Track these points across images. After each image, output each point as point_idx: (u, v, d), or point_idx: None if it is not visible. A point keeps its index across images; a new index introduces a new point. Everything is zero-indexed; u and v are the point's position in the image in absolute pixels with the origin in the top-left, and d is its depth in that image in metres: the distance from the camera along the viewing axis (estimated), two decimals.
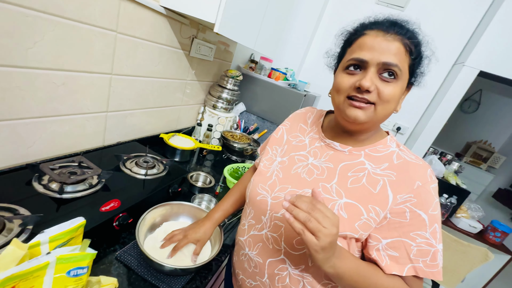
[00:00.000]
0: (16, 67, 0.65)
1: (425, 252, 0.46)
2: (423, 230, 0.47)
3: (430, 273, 0.46)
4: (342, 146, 0.55)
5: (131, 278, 0.62)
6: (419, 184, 0.47)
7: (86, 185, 0.73)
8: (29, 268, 0.41)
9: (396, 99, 0.48)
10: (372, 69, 0.46)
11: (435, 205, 0.47)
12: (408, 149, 0.54)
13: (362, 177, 0.52)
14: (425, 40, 0.50)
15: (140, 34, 0.94)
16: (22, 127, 0.72)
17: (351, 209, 0.50)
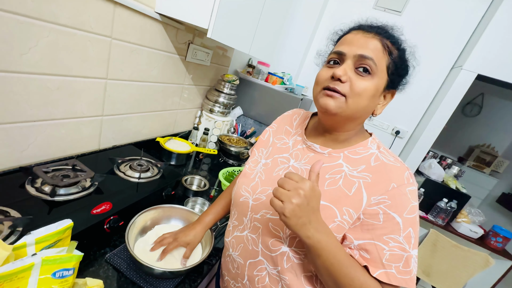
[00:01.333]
0: (11, 72, 0.66)
1: (398, 257, 0.45)
2: (396, 234, 0.45)
3: (402, 280, 0.44)
4: (322, 148, 0.56)
5: (120, 281, 0.62)
6: (394, 186, 0.46)
7: (79, 188, 0.74)
8: (13, 269, 0.41)
9: (368, 94, 0.48)
10: (348, 62, 0.48)
11: (411, 208, 0.46)
12: (389, 151, 0.53)
13: (338, 179, 0.51)
14: (408, 46, 0.52)
15: (135, 40, 0.95)
16: (17, 130, 0.73)
17: (326, 211, 0.49)
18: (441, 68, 2.02)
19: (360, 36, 0.49)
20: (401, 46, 0.51)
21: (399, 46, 0.50)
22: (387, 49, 0.48)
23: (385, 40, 0.48)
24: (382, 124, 2.24)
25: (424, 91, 2.08)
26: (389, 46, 0.49)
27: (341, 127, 0.54)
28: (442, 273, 1.74)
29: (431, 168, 2.07)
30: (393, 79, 0.51)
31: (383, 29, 0.50)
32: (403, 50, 0.51)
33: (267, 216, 0.55)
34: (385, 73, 0.49)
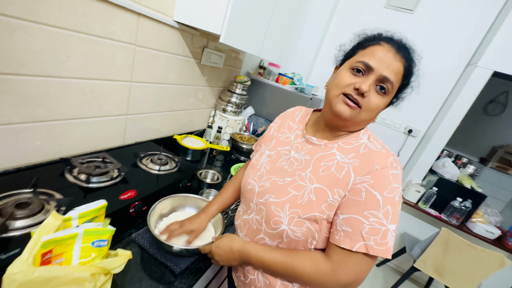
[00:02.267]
0: (54, 77, 0.78)
1: (376, 230, 0.50)
2: (376, 210, 0.50)
3: (379, 251, 0.49)
4: (318, 140, 0.63)
5: (144, 256, 0.71)
6: (377, 168, 0.52)
7: (108, 177, 0.84)
8: (63, 235, 0.51)
9: (378, 111, 0.56)
10: (372, 77, 0.53)
11: (392, 189, 0.51)
12: (378, 141, 0.59)
13: (331, 166, 0.58)
14: (417, 71, 0.57)
15: (156, 46, 1.06)
16: (57, 127, 0.85)
17: (319, 193, 0.57)
18: (456, 65, 1.99)
19: (391, 55, 0.52)
20: (414, 69, 0.56)
21: (413, 70, 0.55)
22: (405, 73, 0.54)
23: (407, 64, 0.54)
24: (394, 123, 2.23)
25: (438, 89, 2.06)
26: (408, 71, 0.54)
27: (345, 128, 0.61)
28: (455, 272, 1.71)
29: (445, 167, 2.04)
30: (397, 96, 0.58)
31: (409, 53, 0.55)
32: (414, 74, 0.56)
33: (270, 200, 0.62)
34: (395, 93, 0.56)
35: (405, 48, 0.55)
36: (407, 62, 0.54)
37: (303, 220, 0.57)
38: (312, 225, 0.57)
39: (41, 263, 0.49)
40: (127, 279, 0.63)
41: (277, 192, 0.62)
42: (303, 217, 0.56)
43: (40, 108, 0.78)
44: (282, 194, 0.61)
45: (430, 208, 2.05)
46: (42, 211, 0.63)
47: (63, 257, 0.53)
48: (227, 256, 0.65)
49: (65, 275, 0.49)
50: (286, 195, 0.60)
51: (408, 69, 0.54)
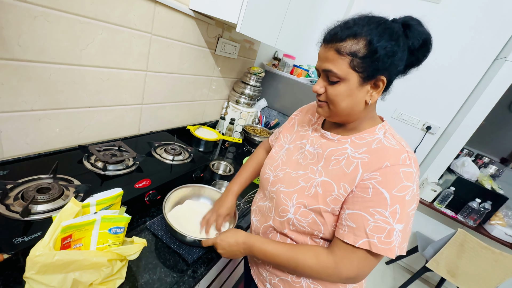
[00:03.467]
0: (73, 65, 0.79)
1: (381, 228, 0.49)
2: (383, 208, 0.49)
3: (382, 249, 0.49)
4: (332, 135, 0.63)
5: (158, 244, 0.73)
6: (387, 165, 0.51)
7: (123, 165, 0.86)
8: (82, 221, 0.52)
9: (342, 97, 0.54)
10: (322, 75, 0.57)
11: (402, 187, 0.49)
12: (395, 136, 0.57)
13: (341, 160, 0.58)
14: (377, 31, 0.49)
15: (172, 35, 1.05)
16: (75, 115, 0.87)
17: (326, 186, 0.57)
18: (482, 59, 1.87)
19: (322, 49, 0.55)
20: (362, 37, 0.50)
21: (358, 39, 0.50)
22: (343, 52, 0.51)
23: (339, 44, 0.51)
24: (412, 119, 2.15)
25: (462, 84, 1.95)
26: (345, 48, 0.50)
27: (344, 121, 0.61)
28: (470, 275, 1.66)
29: (464, 167, 1.96)
30: (365, 71, 0.51)
31: (336, 34, 0.52)
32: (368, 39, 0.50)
33: (281, 189, 0.65)
34: (352, 72, 0.51)
35: (332, 34, 0.53)
36: (338, 41, 0.51)
37: (309, 211, 0.59)
38: (317, 217, 0.58)
39: (61, 247, 0.50)
40: (142, 265, 0.65)
41: (288, 182, 0.65)
42: (308, 208, 0.58)
43: (60, 96, 0.80)
44: (292, 184, 0.63)
45: (445, 208, 1.99)
46: (62, 196, 0.65)
47: (82, 242, 0.54)
48: (232, 248, 0.66)
49: (84, 260, 0.50)
50: (295, 185, 0.62)
51: (344, 47, 0.50)
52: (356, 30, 0.51)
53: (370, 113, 0.60)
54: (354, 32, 0.51)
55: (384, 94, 0.58)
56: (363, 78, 0.52)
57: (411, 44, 0.53)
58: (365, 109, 0.57)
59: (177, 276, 0.65)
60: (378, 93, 0.55)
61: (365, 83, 0.53)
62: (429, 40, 0.54)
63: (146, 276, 0.63)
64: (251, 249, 0.65)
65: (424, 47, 0.54)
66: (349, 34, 0.51)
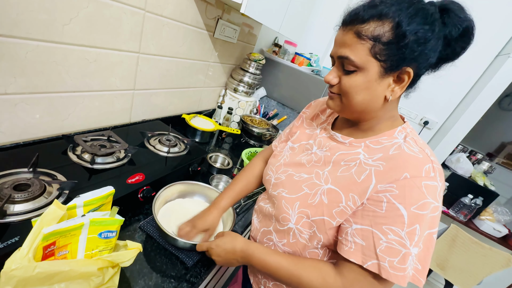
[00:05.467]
0: (54, 42, 0.68)
1: (395, 251, 0.42)
2: (398, 227, 0.42)
3: (394, 276, 0.42)
4: (343, 137, 0.56)
5: (153, 246, 0.67)
6: (406, 176, 0.43)
7: (114, 158, 0.78)
8: (68, 226, 0.45)
9: (358, 89, 0.47)
10: (337, 63, 0.50)
11: (424, 204, 0.42)
12: (418, 142, 0.48)
13: (353, 166, 0.51)
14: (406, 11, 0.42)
15: (167, 14, 0.94)
16: (58, 100, 0.77)
17: (332, 195, 0.51)
18: (484, 55, 1.84)
19: (339, 33, 0.48)
20: (388, 18, 0.42)
21: (384, 21, 0.43)
22: (364, 36, 0.43)
23: (360, 26, 0.44)
24: (410, 113, 2.13)
25: (462, 80, 1.93)
26: (367, 31, 0.43)
27: (357, 119, 0.54)
28: (458, 268, 1.71)
29: (459, 163, 1.98)
30: (388, 60, 0.44)
31: (357, 14, 0.45)
32: (396, 20, 0.42)
33: (282, 194, 0.59)
34: (373, 60, 0.44)
35: (352, 14, 0.46)
36: (359, 23, 0.44)
37: (311, 222, 0.53)
38: (318, 230, 0.52)
39: (43, 256, 0.43)
40: (136, 271, 0.59)
41: (290, 187, 0.58)
42: (312, 219, 0.52)
43: (39, 78, 0.70)
44: (295, 190, 0.57)
45: None
46: (44, 194, 0.57)
47: (68, 249, 0.47)
48: (228, 256, 0.59)
49: (70, 270, 0.44)
50: (298, 192, 0.56)
51: (367, 29, 0.43)
52: (382, 10, 0.43)
53: (390, 112, 0.52)
54: (380, 12, 0.43)
55: (409, 90, 0.51)
56: (385, 69, 0.45)
57: (448, 33, 0.45)
58: (384, 106, 0.50)
59: (175, 281, 0.60)
60: (401, 88, 0.47)
61: (387, 74, 0.45)
62: (471, 30, 0.46)
63: (141, 282, 0.57)
64: (249, 259, 0.57)
65: (464, 37, 0.46)
66: (373, 14, 0.43)
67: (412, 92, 0.52)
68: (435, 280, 2.37)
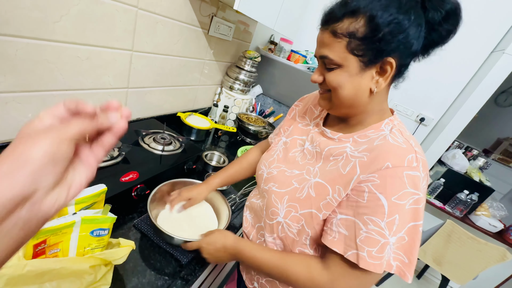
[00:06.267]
0: (45, 40, 0.68)
1: (373, 241, 0.43)
2: (378, 217, 0.43)
3: (371, 265, 0.43)
4: (332, 133, 0.56)
5: (147, 244, 0.67)
6: (388, 166, 0.43)
7: (107, 156, 0.77)
8: (58, 224, 0.45)
9: (342, 84, 0.48)
10: (319, 62, 0.51)
11: (404, 194, 0.42)
12: (403, 133, 0.49)
13: (340, 160, 0.52)
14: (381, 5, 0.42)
15: (160, 11, 0.94)
16: (51, 98, 0.76)
17: (320, 188, 0.51)
18: (479, 51, 1.85)
19: (319, 33, 0.49)
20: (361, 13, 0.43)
21: (357, 16, 0.43)
22: (339, 34, 0.44)
23: (335, 25, 0.45)
24: (406, 110, 2.13)
25: (457, 76, 1.94)
26: (341, 29, 0.44)
27: (347, 115, 0.54)
28: (454, 263, 1.73)
29: (455, 159, 1.99)
30: (366, 54, 0.44)
31: (331, 14, 0.46)
32: (368, 15, 0.42)
33: (273, 189, 0.59)
34: (350, 56, 0.45)
35: (327, 14, 0.47)
36: (333, 22, 0.45)
37: (300, 216, 0.53)
38: (307, 224, 0.53)
39: (34, 254, 0.43)
40: (129, 269, 0.59)
41: (281, 182, 0.59)
42: (300, 213, 0.53)
43: (30, 76, 0.69)
44: (285, 185, 0.58)
45: (434, 199, 2.03)
46: None
47: (59, 247, 0.47)
48: (219, 254, 0.60)
49: (61, 268, 0.43)
50: (288, 186, 0.57)
51: (340, 27, 0.44)
52: (354, 6, 0.43)
53: (379, 104, 0.52)
54: (352, 8, 0.43)
55: (397, 80, 0.50)
56: (365, 63, 0.45)
57: (430, 18, 0.44)
58: (372, 99, 0.50)
59: (169, 278, 0.60)
60: (385, 79, 0.47)
61: (368, 68, 0.46)
62: (455, 12, 0.44)
63: (135, 280, 0.57)
64: (239, 255, 0.59)
65: (448, 20, 0.44)
66: (346, 11, 0.44)
67: (401, 82, 0.52)
68: (432, 276, 2.39)
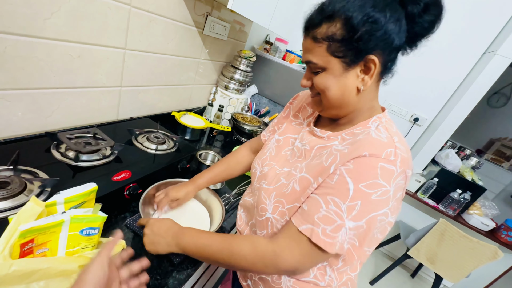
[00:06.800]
0: (35, 37, 0.67)
1: (330, 220, 0.44)
2: (341, 199, 0.43)
3: (322, 242, 0.44)
4: (322, 132, 0.57)
5: (139, 244, 0.66)
6: (366, 155, 0.43)
7: (100, 155, 0.77)
8: (47, 223, 0.44)
9: (329, 85, 0.49)
10: (307, 67, 0.53)
11: (373, 184, 0.42)
12: (389, 129, 0.49)
13: (324, 154, 0.52)
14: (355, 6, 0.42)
15: (154, 9, 0.93)
16: (41, 96, 0.75)
17: (304, 182, 0.52)
18: (472, 52, 1.87)
19: (303, 40, 0.51)
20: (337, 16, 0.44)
21: (334, 20, 0.44)
22: (319, 39, 0.46)
23: (315, 31, 0.47)
24: (401, 110, 2.16)
25: (450, 77, 1.96)
26: (320, 34, 0.46)
27: (338, 116, 0.55)
28: (447, 262, 1.75)
29: (448, 158, 2.01)
30: (347, 55, 0.45)
31: (311, 20, 0.48)
32: (343, 17, 0.43)
33: (263, 186, 0.60)
34: (332, 58, 0.47)
35: (306, 21, 0.49)
36: (312, 29, 0.47)
37: (286, 211, 0.54)
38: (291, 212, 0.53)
39: (21, 254, 0.42)
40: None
41: (270, 179, 0.60)
42: (286, 207, 0.54)
43: (20, 74, 0.68)
44: (273, 181, 0.59)
45: (428, 198, 2.05)
46: (24, 192, 0.56)
47: (48, 246, 0.47)
48: (159, 235, 0.57)
49: (49, 268, 0.43)
50: (276, 183, 0.58)
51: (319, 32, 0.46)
52: (330, 10, 0.45)
53: (368, 102, 0.52)
54: (328, 13, 0.45)
55: (386, 76, 0.51)
56: (347, 63, 0.46)
57: (409, 11, 0.44)
58: (360, 97, 0.50)
59: (161, 278, 0.60)
60: (370, 76, 0.47)
61: (351, 67, 0.47)
62: (435, 2, 0.44)
63: None
64: (180, 239, 0.56)
65: (428, 11, 0.44)
66: (324, 16, 0.45)
67: (390, 77, 0.52)
68: (426, 274, 2.42)
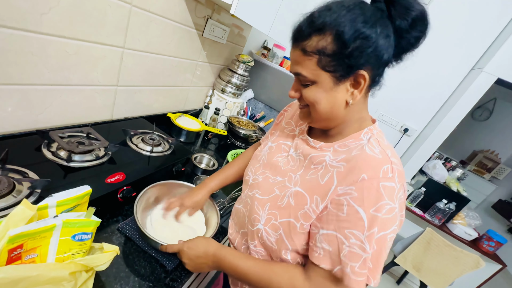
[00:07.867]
0: (30, 31, 0.64)
1: (356, 256, 0.42)
2: (359, 230, 0.42)
3: (354, 282, 0.42)
4: (314, 142, 0.56)
5: (132, 249, 0.64)
6: (364, 178, 0.43)
7: (93, 156, 0.74)
8: (37, 228, 0.42)
9: (318, 99, 0.48)
10: (295, 78, 0.52)
11: (382, 206, 0.42)
12: (381, 143, 0.49)
13: (319, 169, 0.52)
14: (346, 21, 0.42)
15: (155, 9, 0.92)
16: (34, 93, 0.72)
17: (299, 197, 0.52)
18: (460, 68, 1.95)
19: (291, 51, 0.50)
20: (328, 30, 0.43)
21: (325, 33, 0.43)
22: (309, 52, 0.45)
23: (304, 43, 0.45)
24: (391, 120, 2.21)
25: (439, 91, 2.04)
26: (310, 47, 0.45)
27: (326, 127, 0.55)
28: (432, 270, 1.79)
29: (435, 169, 2.08)
30: (337, 70, 0.45)
31: (300, 32, 0.46)
32: (334, 31, 0.43)
33: (256, 195, 0.60)
34: (322, 72, 0.46)
35: (295, 32, 0.48)
36: (302, 40, 0.46)
37: (278, 224, 0.53)
38: (285, 234, 0.52)
39: (8, 260, 0.40)
40: (112, 275, 0.56)
41: (264, 189, 0.59)
42: (279, 221, 0.53)
43: (12, 68, 0.65)
44: (268, 192, 0.58)
45: (415, 207, 2.11)
46: (13, 192, 0.54)
47: (37, 252, 0.44)
48: (200, 260, 0.58)
49: (38, 275, 0.41)
50: (270, 193, 0.57)
51: (309, 45, 0.45)
52: (321, 23, 0.44)
53: (358, 113, 0.52)
54: (319, 26, 0.44)
55: (373, 89, 0.51)
56: (337, 78, 0.46)
57: (398, 26, 0.44)
58: (349, 110, 0.50)
59: (154, 285, 0.58)
60: (360, 91, 0.47)
61: (341, 82, 0.46)
62: (422, 18, 0.43)
63: (117, 287, 0.54)
64: (220, 263, 0.57)
65: (415, 27, 0.44)
66: (314, 29, 0.44)
67: (377, 90, 0.52)
68: (411, 281, 2.47)
